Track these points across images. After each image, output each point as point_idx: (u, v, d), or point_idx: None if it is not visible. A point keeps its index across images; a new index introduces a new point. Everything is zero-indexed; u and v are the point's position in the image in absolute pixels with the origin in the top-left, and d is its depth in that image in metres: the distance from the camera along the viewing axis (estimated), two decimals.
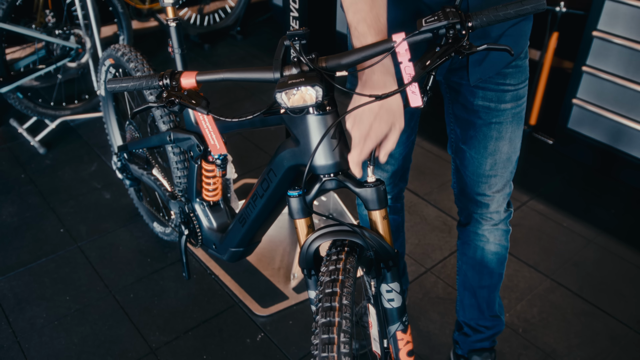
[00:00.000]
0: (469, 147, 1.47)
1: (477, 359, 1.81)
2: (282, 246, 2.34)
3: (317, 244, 1.18)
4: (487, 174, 1.49)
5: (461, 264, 1.72)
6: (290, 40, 1.03)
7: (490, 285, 1.70)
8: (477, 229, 1.62)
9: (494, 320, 1.76)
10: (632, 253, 2.38)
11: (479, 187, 1.52)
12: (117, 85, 1.23)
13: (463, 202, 1.62)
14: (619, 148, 2.74)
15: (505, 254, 1.67)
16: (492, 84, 1.36)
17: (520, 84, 1.39)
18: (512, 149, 1.47)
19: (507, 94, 1.38)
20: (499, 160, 1.47)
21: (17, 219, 2.47)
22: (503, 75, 1.35)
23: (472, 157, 1.48)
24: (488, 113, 1.40)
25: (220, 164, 1.65)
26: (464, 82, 1.38)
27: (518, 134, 1.46)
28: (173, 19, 1.69)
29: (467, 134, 1.46)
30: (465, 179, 1.54)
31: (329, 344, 0.98)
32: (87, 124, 3.17)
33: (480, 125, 1.42)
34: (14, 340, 1.93)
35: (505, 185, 1.53)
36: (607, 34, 2.59)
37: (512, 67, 1.35)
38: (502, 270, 1.70)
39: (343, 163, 1.14)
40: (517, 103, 1.40)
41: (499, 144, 1.44)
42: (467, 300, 1.75)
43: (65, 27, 2.99)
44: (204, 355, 1.91)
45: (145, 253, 2.32)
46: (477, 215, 1.59)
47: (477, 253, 1.65)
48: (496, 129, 1.42)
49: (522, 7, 0.96)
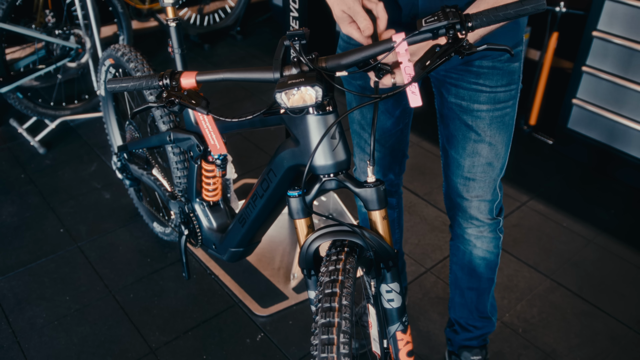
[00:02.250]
0: (449, 146, 1.47)
1: (467, 355, 1.82)
2: (282, 246, 2.34)
3: (317, 244, 1.18)
4: (465, 175, 1.47)
5: (451, 264, 1.73)
6: (290, 40, 1.03)
7: (479, 288, 1.68)
8: (462, 232, 1.60)
9: (483, 321, 1.76)
10: (632, 253, 2.38)
11: (457, 188, 1.51)
12: (117, 85, 1.23)
13: (447, 204, 1.62)
14: (619, 148, 2.74)
15: (496, 260, 1.64)
16: (464, 82, 1.35)
17: (500, 87, 1.34)
18: (494, 154, 1.43)
19: (481, 95, 1.35)
20: (478, 164, 1.44)
21: (17, 219, 2.47)
22: (476, 74, 1.33)
23: (452, 156, 1.48)
24: (462, 112, 1.39)
25: (220, 164, 1.65)
26: (445, 77, 1.37)
27: (500, 139, 1.42)
28: (173, 19, 1.69)
29: (448, 132, 1.46)
30: (447, 180, 1.55)
31: (328, 345, 0.98)
32: (87, 124, 3.17)
33: (459, 125, 1.41)
34: (14, 340, 1.93)
35: (487, 192, 1.49)
36: (607, 34, 2.59)
37: (487, 68, 1.32)
38: (492, 275, 1.67)
39: (343, 163, 1.15)
40: (495, 106, 1.36)
41: (477, 146, 1.42)
42: (457, 299, 1.75)
43: (65, 27, 2.99)
44: (204, 355, 1.91)
45: (145, 253, 2.32)
46: (460, 218, 1.58)
47: (465, 256, 1.64)
48: (474, 130, 1.40)
49: (522, 7, 0.96)
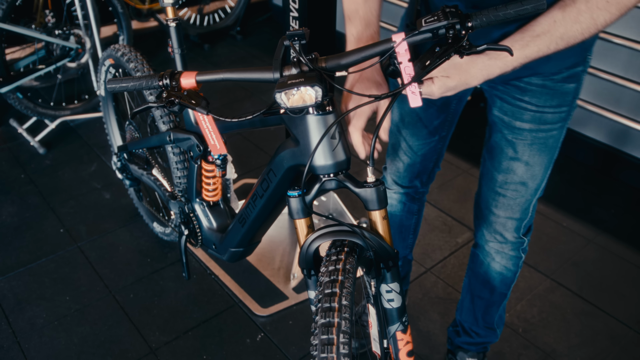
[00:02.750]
0: (488, 156, 1.43)
1: (463, 355, 1.81)
2: (282, 246, 2.34)
3: (317, 244, 1.17)
4: (497, 190, 1.43)
5: (468, 268, 1.70)
6: (290, 40, 1.03)
7: (490, 299, 1.66)
8: (484, 243, 1.56)
9: (487, 331, 1.75)
10: (632, 253, 2.38)
11: (487, 201, 1.47)
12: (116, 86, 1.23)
13: (475, 211, 1.58)
14: (619, 148, 2.74)
15: (512, 278, 1.60)
16: (509, 96, 1.30)
17: (548, 108, 1.27)
18: (529, 175, 1.36)
19: (525, 112, 1.29)
20: (511, 181, 1.39)
21: (17, 219, 2.47)
22: (522, 90, 1.27)
23: (488, 167, 1.44)
24: (504, 127, 1.33)
25: (220, 164, 1.65)
26: (492, 88, 1.33)
27: (539, 160, 1.34)
28: (173, 19, 1.69)
29: (490, 142, 1.41)
30: (480, 188, 1.51)
31: (328, 345, 0.98)
32: (87, 124, 3.17)
33: (499, 138, 1.36)
34: (14, 340, 1.93)
35: (516, 211, 1.44)
36: (607, 33, 2.59)
37: (536, 86, 1.26)
38: (506, 290, 1.64)
39: (343, 163, 1.14)
40: (539, 127, 1.29)
41: (512, 163, 1.36)
42: (466, 304, 1.74)
43: (65, 27, 2.99)
44: (204, 355, 1.91)
45: (145, 253, 2.32)
46: (484, 229, 1.54)
47: (482, 267, 1.61)
48: (512, 147, 1.34)
49: (522, 7, 0.96)
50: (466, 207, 2.58)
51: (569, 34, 1.04)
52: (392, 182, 1.68)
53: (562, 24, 1.03)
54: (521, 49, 1.06)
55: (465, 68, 1.07)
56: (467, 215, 2.53)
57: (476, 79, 1.08)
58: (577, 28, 1.03)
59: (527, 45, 1.06)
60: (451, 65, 1.06)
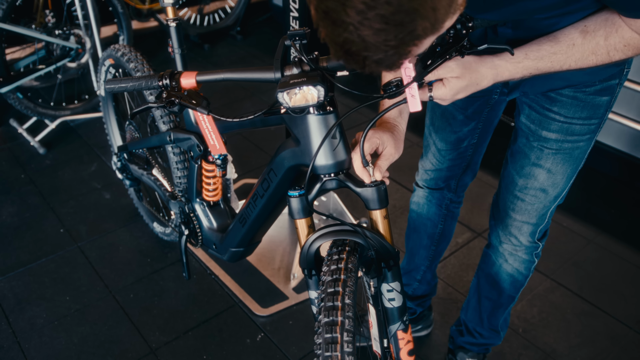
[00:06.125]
0: (511, 159, 1.43)
1: (463, 356, 1.81)
2: (282, 246, 2.34)
3: (318, 244, 1.18)
4: (516, 194, 1.43)
5: (478, 268, 1.70)
6: (291, 40, 1.03)
7: (497, 301, 1.66)
8: (498, 244, 1.56)
9: (490, 332, 1.75)
10: (632, 253, 2.38)
11: (506, 204, 1.47)
12: (116, 86, 1.23)
13: (492, 211, 1.58)
14: (619, 148, 2.74)
15: (523, 281, 1.60)
16: (538, 105, 1.28)
17: (577, 119, 1.25)
18: (550, 182, 1.36)
19: (552, 123, 1.27)
20: (531, 187, 1.39)
21: (17, 219, 2.47)
22: (551, 99, 1.25)
23: (509, 170, 1.44)
24: (530, 134, 1.33)
25: (220, 164, 1.65)
26: (522, 95, 1.32)
27: (562, 169, 1.33)
28: (173, 19, 1.69)
29: (514, 145, 1.41)
30: (499, 190, 1.51)
31: (332, 343, 0.98)
32: (87, 124, 3.16)
33: (524, 142, 1.36)
34: (14, 341, 1.93)
35: (533, 216, 1.44)
36: None
37: (566, 97, 1.24)
38: (515, 294, 1.64)
39: (343, 163, 1.14)
40: (566, 137, 1.28)
41: (534, 169, 1.36)
42: (473, 303, 1.74)
43: (65, 27, 2.99)
44: (204, 355, 1.91)
45: (145, 253, 2.32)
46: (500, 230, 1.54)
47: (493, 268, 1.61)
48: (536, 154, 1.34)
49: None
50: (466, 207, 2.58)
51: (584, 61, 1.06)
52: (420, 180, 1.70)
53: (580, 50, 1.04)
54: (535, 60, 1.06)
55: (474, 67, 1.07)
56: (467, 215, 2.53)
57: (486, 78, 1.08)
58: (593, 58, 1.05)
59: (541, 58, 1.06)
60: (460, 65, 1.06)
